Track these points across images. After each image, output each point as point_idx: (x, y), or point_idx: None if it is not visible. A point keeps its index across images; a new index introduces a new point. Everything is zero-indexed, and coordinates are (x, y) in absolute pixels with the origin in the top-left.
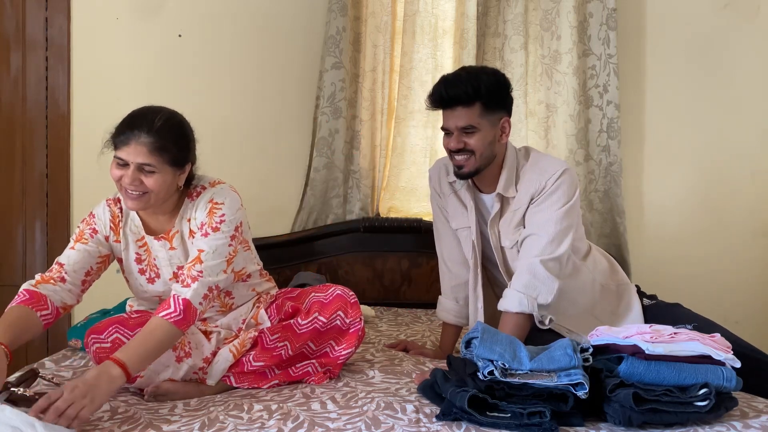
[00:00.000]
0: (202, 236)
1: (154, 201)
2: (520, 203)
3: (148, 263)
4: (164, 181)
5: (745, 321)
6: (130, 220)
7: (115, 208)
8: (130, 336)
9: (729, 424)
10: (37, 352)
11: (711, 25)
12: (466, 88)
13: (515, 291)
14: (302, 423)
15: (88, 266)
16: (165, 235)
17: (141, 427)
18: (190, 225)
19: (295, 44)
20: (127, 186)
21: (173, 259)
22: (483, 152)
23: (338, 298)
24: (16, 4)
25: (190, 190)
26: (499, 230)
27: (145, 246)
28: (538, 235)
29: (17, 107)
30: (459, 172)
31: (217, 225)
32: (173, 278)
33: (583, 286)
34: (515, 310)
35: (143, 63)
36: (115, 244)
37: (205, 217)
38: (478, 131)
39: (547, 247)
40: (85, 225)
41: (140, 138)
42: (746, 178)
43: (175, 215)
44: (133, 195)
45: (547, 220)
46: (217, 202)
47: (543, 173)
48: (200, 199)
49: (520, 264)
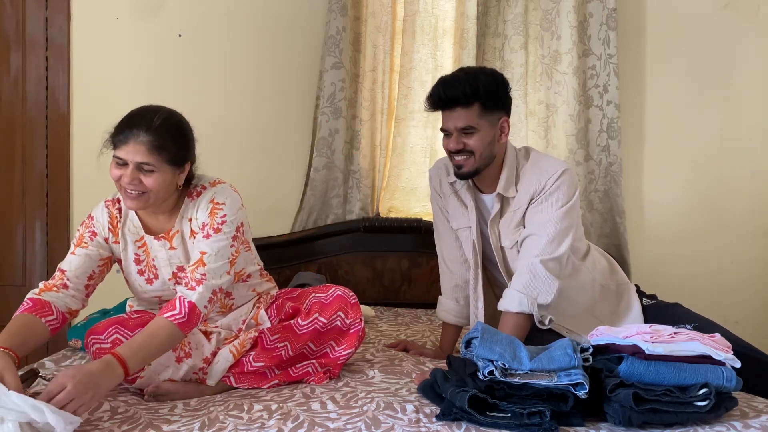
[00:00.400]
0: (203, 238)
1: (153, 200)
2: (520, 203)
3: (146, 264)
4: (163, 180)
5: (745, 321)
6: (129, 220)
7: (114, 209)
8: (130, 336)
9: (729, 424)
10: (37, 352)
11: (711, 25)
12: (465, 88)
13: (515, 291)
14: (302, 423)
15: (90, 270)
16: (165, 234)
17: (141, 427)
18: (191, 225)
19: (295, 44)
20: (127, 185)
21: (173, 258)
22: (482, 152)
23: (338, 299)
24: (16, 4)
25: (190, 190)
26: (499, 230)
27: (144, 246)
28: (538, 235)
29: (17, 107)
30: (459, 172)
31: (218, 226)
32: (172, 278)
33: (583, 285)
34: (515, 310)
35: (143, 63)
36: (114, 245)
37: (207, 218)
38: (478, 131)
39: (547, 247)
40: (85, 228)
41: (139, 137)
42: (746, 178)
43: (174, 215)
44: (132, 194)
45: (547, 220)
46: (218, 202)
47: (543, 173)
48: (201, 199)
49: (520, 264)
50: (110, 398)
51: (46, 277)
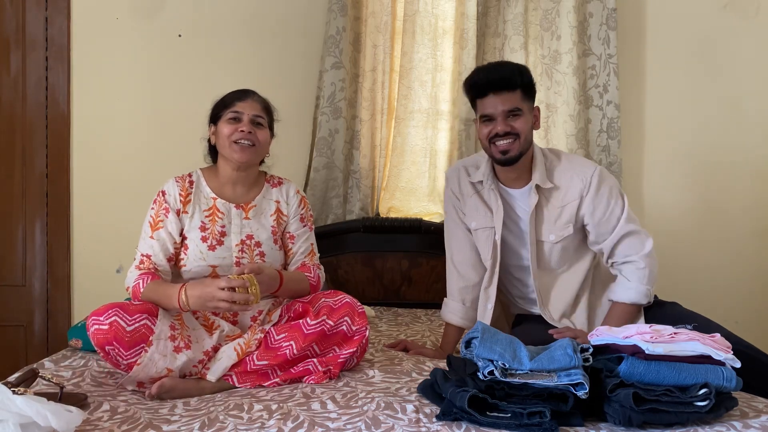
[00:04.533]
0: (308, 229)
1: (258, 156)
2: (567, 200)
3: (211, 231)
4: (267, 139)
5: (745, 321)
6: (200, 191)
7: (185, 182)
8: (129, 320)
9: (729, 424)
10: (37, 352)
11: (711, 25)
12: (512, 72)
13: (642, 285)
14: (302, 423)
15: (170, 252)
16: (244, 205)
17: (141, 427)
18: (278, 206)
19: (295, 44)
20: (243, 137)
21: (245, 228)
22: (527, 136)
23: (346, 305)
24: (16, 4)
25: (267, 177)
26: (537, 224)
27: (212, 216)
28: (628, 236)
29: (17, 107)
30: (505, 157)
31: (312, 222)
32: (239, 244)
33: (582, 274)
34: (644, 302)
35: (143, 63)
36: (183, 215)
37: (301, 209)
38: (523, 115)
39: (641, 239)
40: (159, 207)
41: (254, 96)
42: (746, 178)
43: (252, 191)
44: (245, 145)
45: (622, 219)
46: (305, 197)
47: (584, 171)
48: (286, 187)
49: (634, 262)
50: (110, 398)
51: (47, 277)
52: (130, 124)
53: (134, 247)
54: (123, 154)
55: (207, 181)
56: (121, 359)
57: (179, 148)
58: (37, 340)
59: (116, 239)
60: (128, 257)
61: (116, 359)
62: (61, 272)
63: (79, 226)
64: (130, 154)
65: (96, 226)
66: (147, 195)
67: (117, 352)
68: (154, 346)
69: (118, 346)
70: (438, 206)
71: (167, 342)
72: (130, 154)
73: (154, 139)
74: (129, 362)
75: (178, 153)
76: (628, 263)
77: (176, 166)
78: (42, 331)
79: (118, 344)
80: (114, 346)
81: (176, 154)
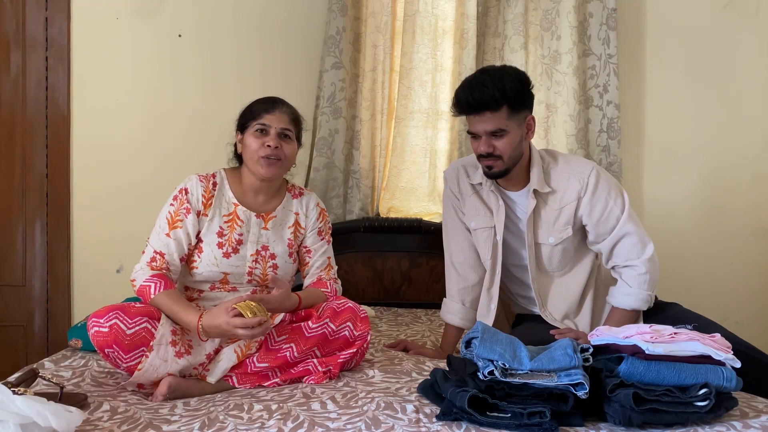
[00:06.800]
0: (325, 242)
1: (284, 170)
2: (564, 202)
3: (228, 238)
4: (294, 150)
5: (745, 321)
6: (222, 195)
7: (209, 183)
8: (129, 323)
9: (729, 424)
10: (37, 352)
11: (711, 25)
12: (493, 92)
13: (643, 291)
14: (302, 423)
15: (184, 252)
16: (264, 215)
17: (141, 427)
18: (297, 218)
19: (295, 44)
20: (270, 152)
21: (261, 238)
22: (511, 154)
23: (349, 310)
24: (16, 4)
25: (288, 186)
26: (535, 227)
27: (231, 222)
28: (627, 237)
29: (17, 107)
30: (489, 172)
31: (330, 234)
32: (255, 254)
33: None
34: (645, 308)
35: (143, 63)
36: (203, 217)
37: (320, 222)
38: (507, 134)
39: (642, 242)
40: (180, 205)
41: (283, 108)
42: (746, 178)
43: (273, 201)
44: (272, 160)
45: (622, 219)
46: (324, 210)
47: (581, 172)
48: (307, 199)
49: (634, 267)
50: (110, 398)
51: (47, 277)
52: (130, 124)
53: (134, 247)
54: (123, 154)
55: (230, 185)
56: (121, 362)
57: (179, 148)
58: (37, 340)
59: (116, 239)
60: (128, 257)
61: (116, 361)
62: (61, 272)
63: (79, 226)
64: (130, 154)
65: (96, 226)
66: (147, 195)
67: (117, 355)
68: (155, 351)
69: (118, 349)
70: (438, 206)
71: (168, 347)
72: (130, 154)
73: (154, 139)
74: (128, 365)
75: (178, 153)
76: (628, 267)
77: (176, 166)
78: (42, 331)
79: (118, 347)
80: (114, 349)
81: (176, 154)
